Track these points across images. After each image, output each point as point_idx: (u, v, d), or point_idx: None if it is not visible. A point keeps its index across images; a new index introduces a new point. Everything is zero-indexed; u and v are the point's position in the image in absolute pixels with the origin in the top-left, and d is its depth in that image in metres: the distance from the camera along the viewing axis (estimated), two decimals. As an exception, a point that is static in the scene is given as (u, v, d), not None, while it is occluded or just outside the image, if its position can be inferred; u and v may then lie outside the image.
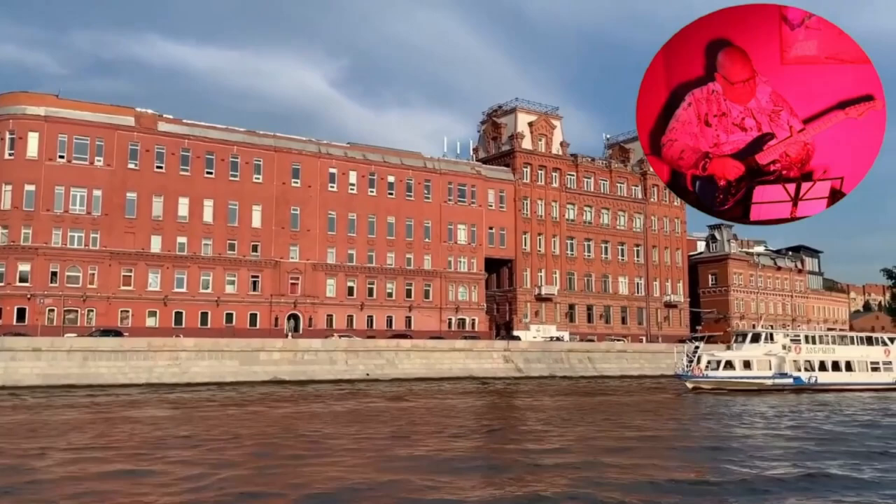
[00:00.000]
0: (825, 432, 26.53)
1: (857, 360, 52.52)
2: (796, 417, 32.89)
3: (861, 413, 35.30)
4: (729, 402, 40.96)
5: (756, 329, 54.63)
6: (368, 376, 57.61)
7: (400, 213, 73.16)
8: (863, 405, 39.78)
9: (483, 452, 21.07)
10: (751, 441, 24.42)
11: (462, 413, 33.45)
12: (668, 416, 33.67)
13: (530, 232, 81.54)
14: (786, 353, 50.37)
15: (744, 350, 50.76)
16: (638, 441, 23.25)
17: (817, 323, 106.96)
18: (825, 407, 38.11)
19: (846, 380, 51.19)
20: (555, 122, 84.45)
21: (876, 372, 52.97)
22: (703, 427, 28.49)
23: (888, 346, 55.37)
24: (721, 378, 48.56)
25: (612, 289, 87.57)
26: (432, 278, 74.24)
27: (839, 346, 53.74)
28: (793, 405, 39.17)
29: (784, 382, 49.30)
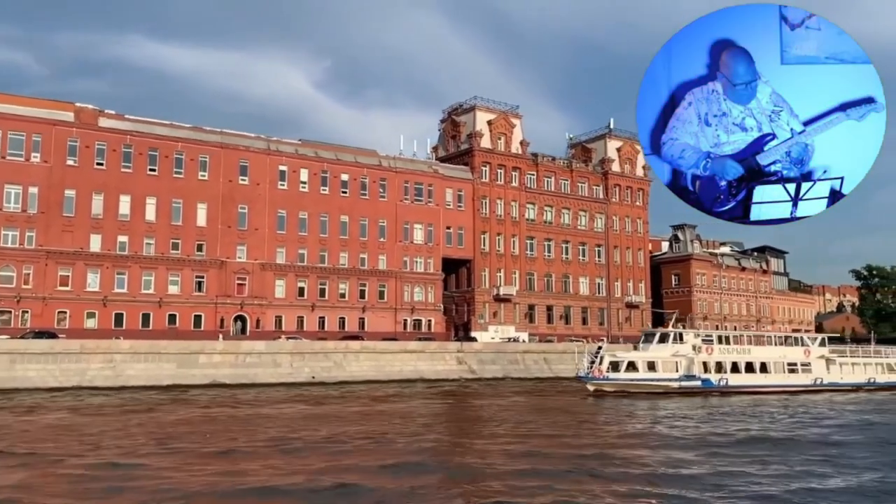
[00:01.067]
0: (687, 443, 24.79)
1: (774, 362, 50.56)
2: (673, 422, 31.64)
3: (747, 417, 33.82)
4: (622, 405, 38.94)
5: (664, 329, 52.62)
6: (314, 379, 55.94)
7: (354, 212, 71.53)
8: (757, 409, 37.87)
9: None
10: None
11: (345, 418, 31.81)
12: (524, 421, 31.48)
13: (489, 232, 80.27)
14: (695, 354, 47.98)
15: (650, 351, 48.67)
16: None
17: (782, 324, 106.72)
18: (715, 410, 36.78)
19: (760, 382, 49.17)
20: (514, 120, 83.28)
21: (793, 374, 51.16)
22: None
23: (808, 347, 53.78)
24: (623, 380, 46.22)
25: (573, 289, 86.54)
26: (387, 279, 72.66)
27: (755, 346, 51.93)
28: (688, 409, 37.39)
29: (691, 385, 46.97)
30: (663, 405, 39.40)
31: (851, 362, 54.59)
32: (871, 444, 24.89)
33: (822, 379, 51.70)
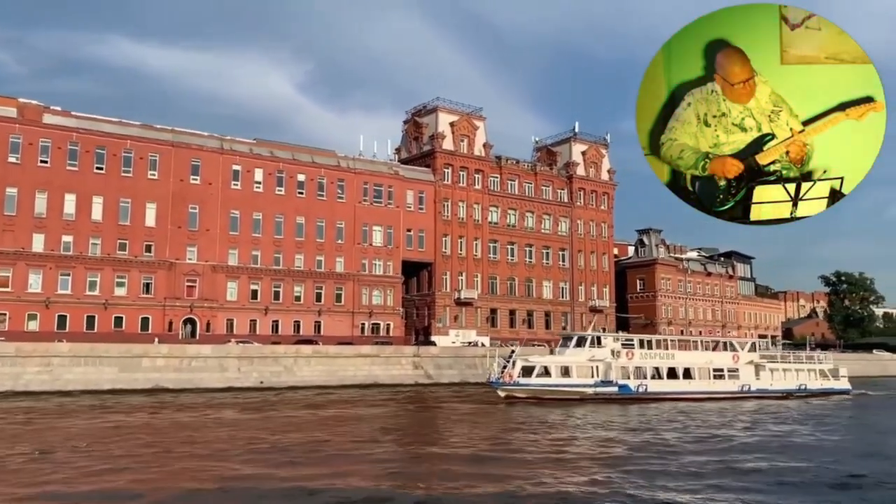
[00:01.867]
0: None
1: (699, 368, 48.75)
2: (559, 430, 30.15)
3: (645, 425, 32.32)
4: (529, 412, 37.14)
5: (582, 332, 51.01)
6: (262, 384, 54.47)
7: (310, 214, 70.10)
8: (667, 416, 36.40)
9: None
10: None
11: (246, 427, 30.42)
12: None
13: (451, 234, 79.20)
14: (614, 358, 46.17)
15: (566, 355, 46.92)
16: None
17: (748, 329, 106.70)
18: (622, 418, 35.32)
19: (683, 388, 47.42)
20: (478, 122, 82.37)
21: (720, 380, 49.40)
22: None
23: (737, 352, 51.95)
24: (534, 386, 43.83)
25: (536, 293, 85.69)
26: (345, 281, 71.28)
27: (680, 351, 50.77)
28: (592, 417, 35.90)
29: (607, 391, 45.08)
30: (576, 413, 37.52)
31: (782, 368, 53.40)
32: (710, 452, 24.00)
33: (750, 385, 50.25)
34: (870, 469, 21.12)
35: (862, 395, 55.96)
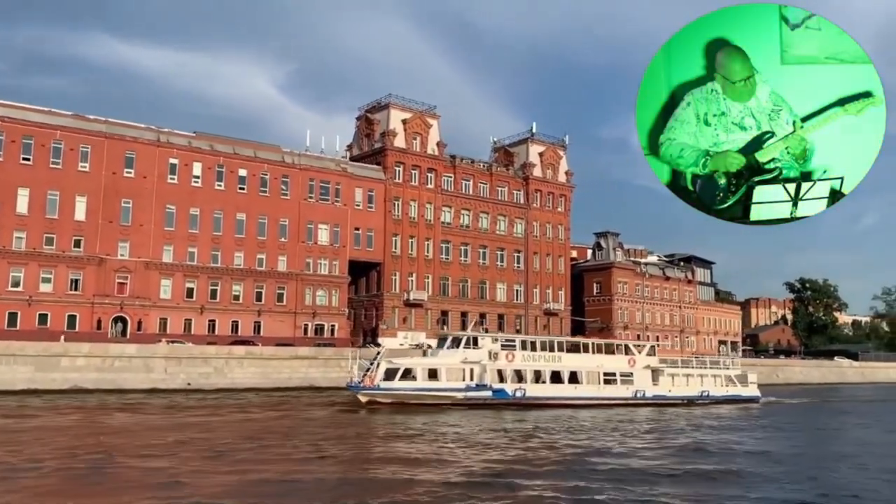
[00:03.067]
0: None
1: (587, 371, 46.24)
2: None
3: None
4: (385, 420, 34.36)
5: (457, 332, 48.36)
6: (190, 386, 52.37)
7: (252, 210, 67.90)
8: (523, 425, 33.24)
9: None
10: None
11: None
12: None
13: (401, 234, 77.36)
14: (491, 360, 43.34)
15: (439, 356, 44.33)
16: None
17: (707, 334, 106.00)
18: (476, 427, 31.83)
19: (567, 393, 44.69)
20: (431, 120, 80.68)
21: (611, 385, 46.96)
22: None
23: (633, 356, 49.39)
24: (397, 390, 40.68)
25: (490, 295, 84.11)
26: (287, 281, 69.12)
27: (569, 354, 47.38)
28: (445, 425, 32.42)
29: (481, 396, 42.07)
30: (440, 420, 34.60)
31: (683, 373, 51.34)
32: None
33: (645, 391, 47.81)
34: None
35: (772, 403, 53.52)
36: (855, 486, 19.69)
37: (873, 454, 27.11)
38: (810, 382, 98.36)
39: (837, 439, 33.91)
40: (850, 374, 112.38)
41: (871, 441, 32.57)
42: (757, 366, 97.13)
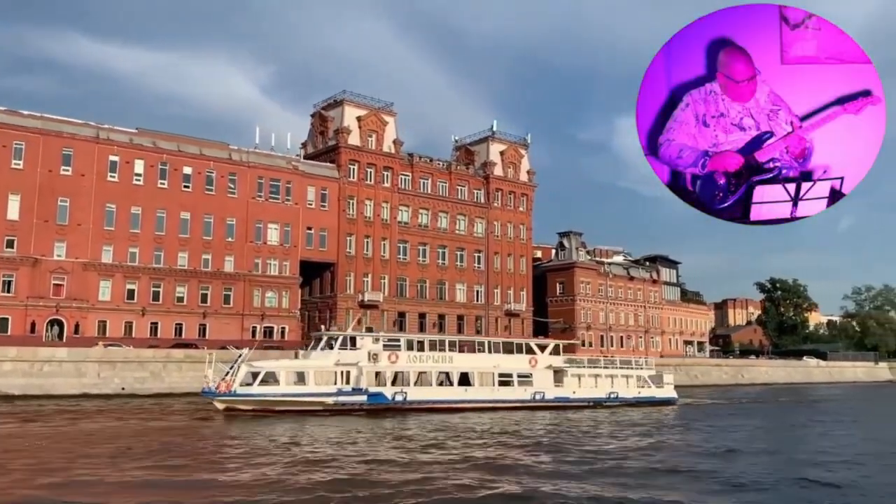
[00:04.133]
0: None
1: (480, 373, 43.35)
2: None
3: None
4: (239, 429, 30.91)
5: (332, 332, 45.16)
6: (124, 391, 50.48)
7: (197, 209, 65.89)
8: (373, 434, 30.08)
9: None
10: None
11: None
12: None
13: (356, 234, 75.63)
14: (371, 362, 40.51)
15: (311, 358, 40.76)
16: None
17: (672, 335, 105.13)
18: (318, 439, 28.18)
19: (456, 396, 41.99)
20: (387, 118, 79.02)
21: (507, 387, 44.08)
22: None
23: (535, 355, 46.73)
24: (257, 396, 37.37)
25: (449, 296, 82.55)
26: (234, 282, 67.15)
27: (462, 354, 44.59)
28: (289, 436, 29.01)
29: (354, 400, 39.16)
30: (304, 429, 31.55)
31: (590, 374, 49.06)
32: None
33: (546, 393, 45.18)
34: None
35: (688, 406, 51.27)
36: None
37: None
38: (776, 382, 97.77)
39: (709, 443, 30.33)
40: (816, 373, 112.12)
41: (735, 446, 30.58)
42: (722, 366, 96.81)
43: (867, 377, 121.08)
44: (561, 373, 46.97)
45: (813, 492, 18.89)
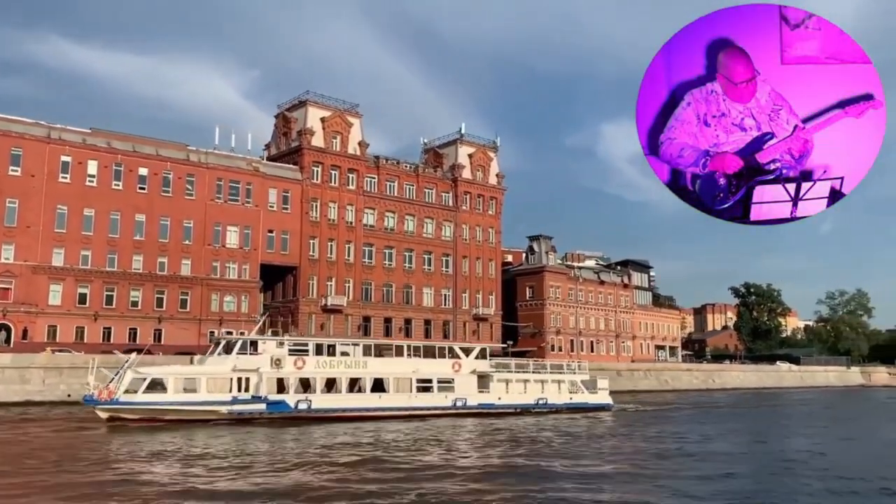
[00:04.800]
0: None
1: (397, 378, 41.33)
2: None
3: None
4: (116, 443, 28.40)
5: (231, 336, 43.07)
6: (70, 398, 48.60)
7: (153, 211, 64.27)
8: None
9: None
10: None
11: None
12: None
13: (319, 237, 74.28)
14: (273, 368, 38.23)
15: (206, 364, 38.26)
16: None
17: (643, 339, 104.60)
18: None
19: (369, 404, 39.95)
20: (352, 119, 77.85)
21: (426, 392, 42.14)
22: None
23: (459, 359, 44.50)
24: (143, 404, 34.74)
25: (416, 300, 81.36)
26: (191, 286, 65.56)
27: (377, 358, 42.36)
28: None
29: (252, 409, 36.79)
30: (189, 442, 29.04)
31: (518, 379, 46.63)
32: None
33: (468, 399, 43.21)
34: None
35: (623, 412, 49.39)
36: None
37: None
38: (747, 387, 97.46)
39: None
40: (788, 378, 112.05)
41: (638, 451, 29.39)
42: (693, 371, 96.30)
43: (839, 381, 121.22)
44: (486, 378, 44.90)
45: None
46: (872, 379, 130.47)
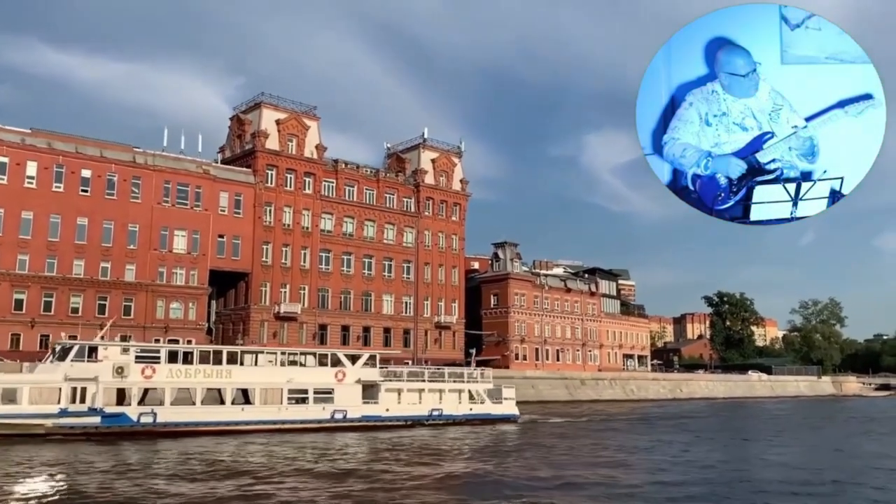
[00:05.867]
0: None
1: (264, 388, 38.02)
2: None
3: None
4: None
5: (70, 341, 40.02)
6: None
7: (96, 215, 62.00)
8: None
9: None
10: None
11: None
12: None
13: (273, 242, 72.26)
14: (116, 377, 35.07)
15: (37, 372, 34.87)
16: None
17: (611, 348, 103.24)
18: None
19: (228, 417, 36.69)
20: (309, 122, 76.02)
21: (299, 405, 38.66)
22: None
23: (343, 368, 41.39)
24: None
25: (375, 308, 79.45)
26: (136, 292, 63.27)
27: (245, 367, 39.12)
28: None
29: (83, 423, 33.37)
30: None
31: (410, 388, 43.70)
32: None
33: (349, 412, 40.09)
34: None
35: (532, 423, 46.70)
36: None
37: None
38: (716, 397, 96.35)
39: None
40: (758, 387, 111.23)
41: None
42: (660, 380, 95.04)
43: (810, 391, 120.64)
44: (374, 388, 41.78)
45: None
46: (843, 388, 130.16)
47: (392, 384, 43.00)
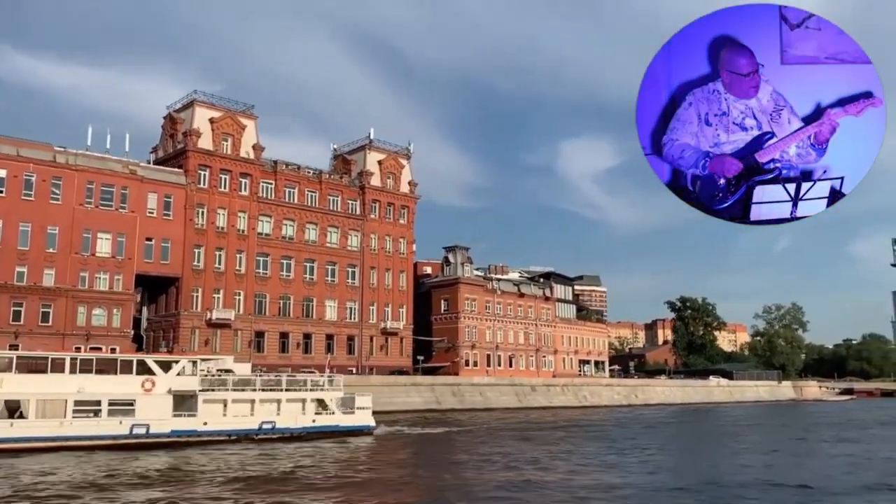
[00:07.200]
0: None
1: (45, 399, 32.85)
2: None
3: None
4: None
5: None
6: None
7: (11, 216, 58.75)
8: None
9: None
10: None
11: None
12: None
13: (206, 245, 69.30)
14: None
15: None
16: None
17: (566, 354, 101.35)
18: None
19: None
20: (246, 121, 73.34)
21: (90, 418, 33.48)
22: None
23: (154, 376, 36.17)
24: None
25: (317, 314, 76.70)
26: (55, 297, 60.02)
27: (20, 375, 33.52)
28: None
29: None
30: None
31: (237, 398, 38.28)
32: None
33: (152, 426, 34.68)
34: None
35: (389, 436, 42.09)
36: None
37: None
38: (671, 403, 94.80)
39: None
40: (717, 393, 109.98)
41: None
42: (614, 386, 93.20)
43: (770, 396, 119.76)
44: (191, 398, 36.77)
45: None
46: (804, 393, 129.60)
47: (213, 394, 37.60)
